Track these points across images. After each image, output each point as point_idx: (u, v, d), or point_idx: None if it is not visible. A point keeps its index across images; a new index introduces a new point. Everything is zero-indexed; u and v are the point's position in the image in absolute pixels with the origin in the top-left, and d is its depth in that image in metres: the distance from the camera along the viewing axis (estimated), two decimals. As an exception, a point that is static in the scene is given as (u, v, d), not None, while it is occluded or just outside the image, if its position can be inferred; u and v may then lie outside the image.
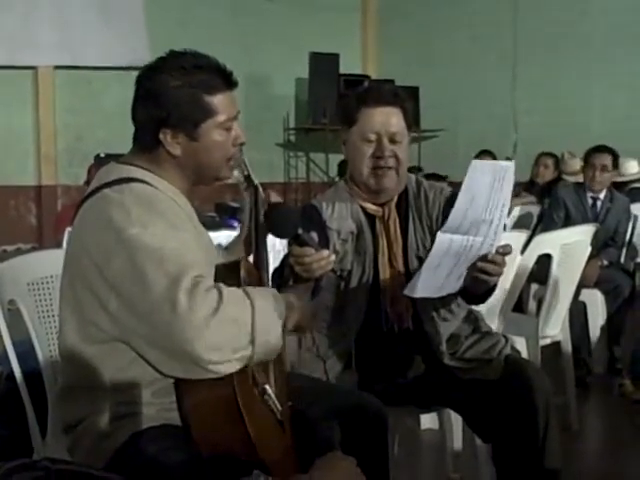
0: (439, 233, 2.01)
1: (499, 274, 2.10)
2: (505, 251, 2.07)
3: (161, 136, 1.75)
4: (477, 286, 2.15)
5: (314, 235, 1.93)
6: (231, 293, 1.60)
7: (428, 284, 2.08)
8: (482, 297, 2.31)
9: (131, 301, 1.60)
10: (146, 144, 1.79)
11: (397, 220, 2.38)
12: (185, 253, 1.63)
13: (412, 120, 2.39)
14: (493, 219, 1.99)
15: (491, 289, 2.24)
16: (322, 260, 1.88)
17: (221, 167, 1.84)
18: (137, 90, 1.80)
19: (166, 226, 1.66)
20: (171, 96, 1.74)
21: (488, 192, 1.98)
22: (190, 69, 1.76)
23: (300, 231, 1.88)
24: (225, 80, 1.80)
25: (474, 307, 2.47)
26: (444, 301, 2.31)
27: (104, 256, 1.63)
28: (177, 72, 1.75)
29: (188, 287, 1.55)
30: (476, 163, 2.03)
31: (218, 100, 1.78)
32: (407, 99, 2.37)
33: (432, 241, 2.12)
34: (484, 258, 2.04)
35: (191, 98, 1.74)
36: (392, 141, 2.31)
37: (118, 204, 1.66)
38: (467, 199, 1.98)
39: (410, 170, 2.55)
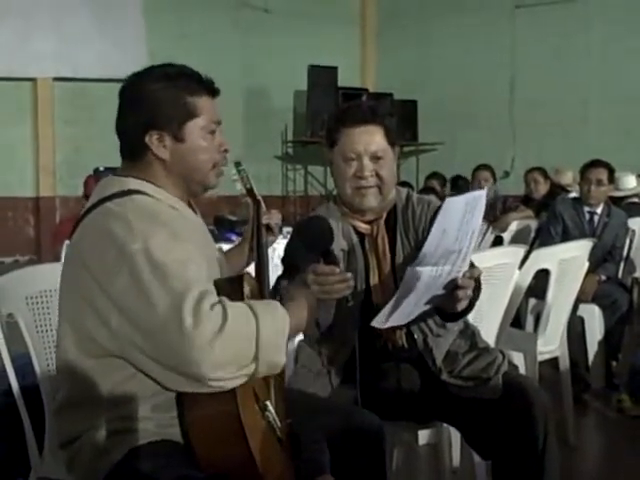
0: (409, 268, 1.99)
1: (466, 298, 2.09)
2: (472, 275, 2.06)
3: (147, 139, 1.77)
4: (448, 308, 2.15)
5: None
6: (235, 309, 1.59)
7: (397, 314, 2.08)
8: (457, 315, 2.26)
9: (135, 318, 1.58)
10: (133, 151, 1.80)
11: (385, 237, 2.37)
12: (189, 265, 1.62)
13: (395, 136, 2.34)
14: (462, 248, 1.99)
15: (467, 307, 2.19)
16: (345, 281, 1.89)
17: (207, 173, 1.85)
18: (121, 101, 1.83)
19: (168, 237, 1.65)
20: (154, 98, 1.77)
21: (459, 225, 1.97)
22: (173, 75, 1.80)
23: (331, 247, 1.87)
24: (207, 87, 1.84)
25: (471, 322, 2.46)
26: (435, 317, 2.31)
27: (106, 272, 1.62)
28: (160, 77, 1.79)
29: (192, 305, 1.54)
30: (449, 201, 2.01)
31: (201, 103, 1.81)
32: (388, 116, 2.33)
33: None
34: (452, 283, 2.04)
35: (174, 99, 1.78)
36: (373, 160, 2.29)
37: (119, 218, 1.66)
38: (438, 234, 1.97)
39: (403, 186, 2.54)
